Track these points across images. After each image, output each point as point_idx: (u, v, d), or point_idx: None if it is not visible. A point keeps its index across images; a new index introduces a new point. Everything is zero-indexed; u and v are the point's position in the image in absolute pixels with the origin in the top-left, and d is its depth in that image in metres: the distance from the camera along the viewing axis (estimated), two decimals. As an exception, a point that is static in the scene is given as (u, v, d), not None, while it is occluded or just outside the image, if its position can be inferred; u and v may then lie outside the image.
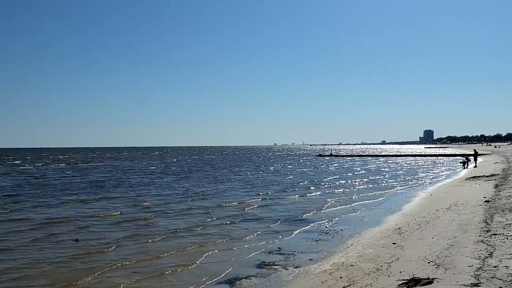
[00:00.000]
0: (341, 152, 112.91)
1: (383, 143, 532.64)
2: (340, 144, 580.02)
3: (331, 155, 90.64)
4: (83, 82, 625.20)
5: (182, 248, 10.55)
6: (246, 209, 17.09)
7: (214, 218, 14.79)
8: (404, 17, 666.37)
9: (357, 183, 28.35)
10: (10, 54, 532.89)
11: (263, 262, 9.23)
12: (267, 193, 22.75)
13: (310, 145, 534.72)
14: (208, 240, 11.49)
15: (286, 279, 7.92)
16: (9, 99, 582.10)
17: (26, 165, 61.26)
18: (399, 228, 11.69)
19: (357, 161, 65.83)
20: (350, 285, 6.90)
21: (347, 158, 76.55)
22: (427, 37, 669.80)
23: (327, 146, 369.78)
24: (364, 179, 31.06)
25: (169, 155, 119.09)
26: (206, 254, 10.07)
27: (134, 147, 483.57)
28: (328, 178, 32.30)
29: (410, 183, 27.34)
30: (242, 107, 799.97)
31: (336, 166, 51.57)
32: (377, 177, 33.10)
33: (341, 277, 7.40)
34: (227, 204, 18.31)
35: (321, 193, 22.27)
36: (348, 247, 10.04)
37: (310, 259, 9.21)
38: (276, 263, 9.06)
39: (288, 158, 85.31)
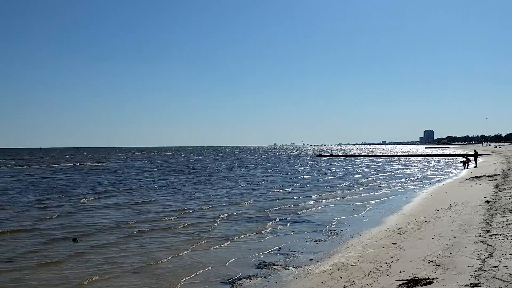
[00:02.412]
0: (352, 152, 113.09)
1: (383, 143, 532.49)
2: (340, 144, 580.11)
3: (331, 155, 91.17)
4: (82, 82, 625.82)
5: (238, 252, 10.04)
6: (301, 212, 16.20)
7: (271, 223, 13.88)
8: (403, 16, 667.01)
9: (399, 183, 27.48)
10: (10, 54, 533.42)
11: (263, 262, 9.23)
12: (321, 194, 21.96)
13: (310, 145, 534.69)
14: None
15: (286, 279, 7.92)
16: (9, 99, 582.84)
17: (56, 165, 60.69)
18: (399, 228, 11.69)
19: (372, 161, 64.32)
20: (350, 285, 6.90)
21: (367, 158, 74.60)
22: (427, 36, 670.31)
23: (327, 146, 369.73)
24: (403, 179, 30.28)
25: (180, 155, 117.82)
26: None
27: (134, 147, 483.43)
28: (368, 179, 31.35)
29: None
30: (242, 107, 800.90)
31: (361, 166, 50.60)
32: (414, 177, 31.92)
33: (341, 277, 7.39)
34: (277, 208, 17.24)
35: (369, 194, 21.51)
36: (348, 247, 10.04)
37: (310, 259, 9.20)
38: (276, 263, 9.06)
39: (303, 158, 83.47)
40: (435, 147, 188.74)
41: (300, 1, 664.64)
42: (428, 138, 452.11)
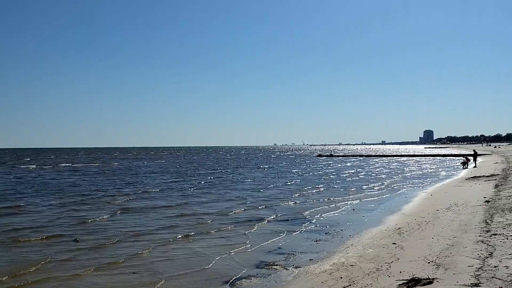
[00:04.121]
0: (357, 152, 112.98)
1: (383, 143, 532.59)
2: (340, 144, 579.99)
3: (331, 155, 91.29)
4: (82, 82, 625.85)
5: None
6: (339, 215, 15.40)
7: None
8: (403, 16, 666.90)
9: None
10: (10, 54, 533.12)
11: (263, 262, 9.24)
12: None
13: (310, 145, 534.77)
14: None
15: (286, 279, 7.92)
16: (9, 99, 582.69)
17: (68, 165, 60.16)
18: (399, 228, 11.69)
19: (386, 161, 62.50)
20: (350, 285, 6.90)
21: (379, 159, 72.62)
22: (427, 36, 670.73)
23: (327, 146, 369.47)
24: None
25: (189, 155, 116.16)
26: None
27: (134, 147, 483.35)
28: (392, 179, 30.32)
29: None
30: (242, 107, 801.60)
31: (377, 166, 49.21)
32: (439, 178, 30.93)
33: (341, 277, 7.39)
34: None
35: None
36: (348, 247, 10.04)
37: (310, 259, 9.20)
38: (276, 263, 9.06)
39: (315, 159, 79.18)
40: (435, 147, 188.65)
41: (300, 1, 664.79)
42: (427, 138, 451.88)
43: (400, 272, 7.14)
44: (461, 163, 43.28)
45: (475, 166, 38.85)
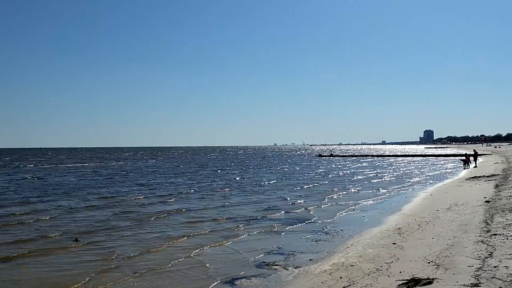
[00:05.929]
0: (363, 151, 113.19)
1: (383, 143, 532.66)
2: (340, 144, 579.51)
3: (331, 155, 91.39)
4: (82, 82, 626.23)
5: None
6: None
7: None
8: (403, 16, 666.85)
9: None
10: (10, 54, 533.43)
11: (263, 262, 9.23)
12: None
13: (310, 145, 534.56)
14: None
15: (286, 279, 7.91)
16: (9, 99, 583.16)
17: (80, 164, 60.38)
18: (399, 228, 11.68)
19: (398, 162, 60.87)
20: (350, 285, 6.90)
21: (399, 159, 70.70)
22: (427, 36, 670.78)
23: (328, 146, 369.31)
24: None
25: (196, 155, 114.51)
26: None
27: (134, 147, 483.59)
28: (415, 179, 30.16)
29: None
30: (242, 107, 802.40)
31: (396, 167, 47.59)
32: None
33: (341, 277, 7.39)
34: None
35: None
36: (348, 247, 10.03)
37: (310, 259, 9.20)
38: (276, 263, 9.06)
39: (329, 159, 75.58)
40: (435, 147, 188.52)
41: (300, 1, 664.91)
42: (428, 138, 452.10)
43: (400, 272, 7.14)
44: (460, 159, 43.13)
45: (475, 166, 38.84)
